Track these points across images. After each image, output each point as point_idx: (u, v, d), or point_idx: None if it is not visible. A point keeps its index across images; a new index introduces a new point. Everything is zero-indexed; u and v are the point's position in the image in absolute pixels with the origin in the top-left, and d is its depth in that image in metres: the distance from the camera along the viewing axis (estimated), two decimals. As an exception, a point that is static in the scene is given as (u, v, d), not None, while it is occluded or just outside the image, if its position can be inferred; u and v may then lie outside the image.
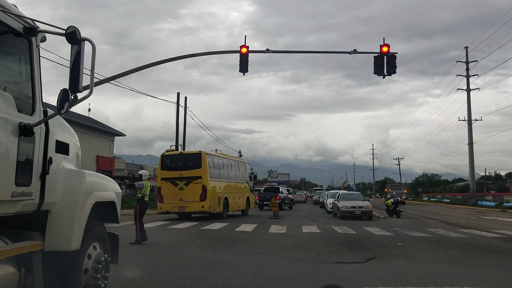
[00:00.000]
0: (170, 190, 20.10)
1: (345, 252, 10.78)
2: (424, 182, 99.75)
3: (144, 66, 18.17)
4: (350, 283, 7.08)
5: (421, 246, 11.94)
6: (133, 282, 6.64)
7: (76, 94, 3.59)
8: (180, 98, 32.08)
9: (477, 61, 47.56)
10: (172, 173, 20.35)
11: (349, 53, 17.87)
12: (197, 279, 7.12)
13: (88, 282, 4.37)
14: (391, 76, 17.02)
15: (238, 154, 70.33)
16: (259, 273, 7.82)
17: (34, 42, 3.87)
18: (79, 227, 4.14)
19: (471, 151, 47.32)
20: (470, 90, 47.41)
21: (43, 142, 3.86)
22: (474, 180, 49.59)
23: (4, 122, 3.32)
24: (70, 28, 3.56)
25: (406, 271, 8.41)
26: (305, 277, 7.57)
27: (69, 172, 4.31)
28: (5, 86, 3.57)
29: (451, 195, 71.05)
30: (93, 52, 3.71)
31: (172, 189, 20.01)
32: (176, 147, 32.21)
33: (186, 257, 9.40)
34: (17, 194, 3.48)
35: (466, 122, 47.77)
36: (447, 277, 7.79)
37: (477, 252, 11.19)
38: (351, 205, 23.33)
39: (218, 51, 19.69)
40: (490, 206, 44.43)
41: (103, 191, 4.80)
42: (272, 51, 18.39)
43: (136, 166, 52.56)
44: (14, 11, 3.60)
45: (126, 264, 7.32)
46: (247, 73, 17.64)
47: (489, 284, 7.40)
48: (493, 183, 78.21)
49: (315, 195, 54.79)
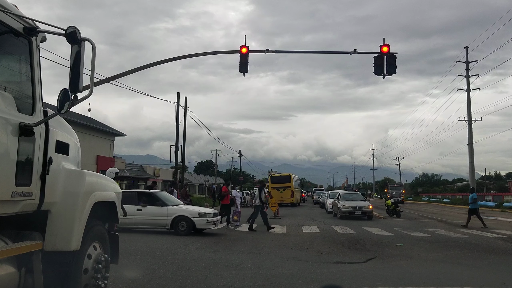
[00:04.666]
0: (275, 192, 33.17)
1: (345, 252, 10.79)
2: (424, 182, 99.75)
3: (144, 66, 18.14)
4: (350, 283, 7.08)
5: (421, 246, 11.94)
6: (133, 282, 6.64)
7: (76, 94, 3.59)
8: (180, 98, 32.06)
9: (477, 61, 47.53)
10: (276, 185, 37.15)
11: (349, 53, 17.84)
12: (197, 279, 7.12)
13: (88, 282, 4.37)
14: (390, 76, 17.01)
15: (238, 154, 70.39)
16: (259, 273, 7.82)
17: (34, 42, 3.87)
18: (79, 227, 4.14)
19: (471, 151, 47.26)
20: (470, 90, 47.38)
21: (43, 142, 3.86)
22: (474, 180, 49.51)
23: (4, 122, 3.31)
24: (70, 28, 3.56)
25: (406, 271, 8.41)
26: (305, 277, 7.57)
27: (69, 172, 4.31)
28: (5, 86, 3.57)
29: (451, 195, 71.02)
30: (93, 52, 3.71)
31: (276, 192, 34.42)
32: (176, 146, 32.21)
33: (186, 257, 9.40)
34: (17, 194, 3.48)
35: (466, 122, 47.73)
36: (447, 277, 7.79)
37: (477, 252, 11.19)
38: (351, 205, 23.32)
39: (218, 51, 19.67)
40: (490, 206, 44.41)
41: (103, 191, 4.80)
42: (272, 51, 18.35)
43: (136, 166, 52.53)
44: (14, 11, 3.60)
45: (126, 264, 7.31)
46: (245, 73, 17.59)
47: (489, 284, 7.40)
48: (493, 183, 78.20)
49: (315, 195, 54.81)
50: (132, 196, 14.23)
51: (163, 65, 18.57)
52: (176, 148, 32.34)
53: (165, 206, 14.15)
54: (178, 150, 32.71)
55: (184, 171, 39.41)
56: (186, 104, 33.29)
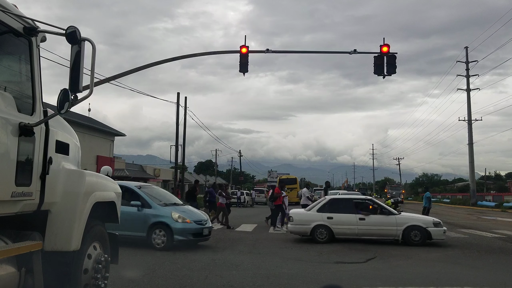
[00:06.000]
0: None
1: (345, 252, 10.79)
2: (424, 182, 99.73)
3: (144, 66, 18.15)
4: (350, 283, 7.08)
5: (421, 246, 11.93)
6: (133, 282, 6.64)
7: (76, 94, 3.59)
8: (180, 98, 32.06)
9: (477, 61, 47.55)
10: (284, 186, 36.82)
11: (349, 53, 17.85)
12: (197, 279, 7.12)
13: (88, 282, 4.37)
14: (390, 76, 17.01)
15: (238, 154, 70.36)
16: (259, 273, 7.82)
17: (34, 42, 3.87)
18: (79, 227, 4.14)
19: (471, 151, 47.28)
20: (470, 90, 47.39)
21: (43, 142, 3.86)
22: (474, 180, 49.55)
23: (4, 122, 3.31)
24: (70, 28, 3.56)
25: (406, 271, 8.42)
26: (305, 277, 7.57)
27: (69, 172, 4.31)
28: (5, 86, 3.57)
29: (451, 195, 71.05)
30: (93, 52, 3.71)
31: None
32: (176, 146, 32.19)
33: (186, 257, 9.40)
34: (17, 194, 3.48)
35: (466, 122, 47.74)
36: (447, 277, 7.79)
37: (477, 252, 11.19)
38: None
39: (219, 51, 19.67)
40: (490, 206, 44.41)
41: (103, 191, 4.80)
42: (273, 51, 18.35)
43: (136, 166, 52.52)
44: (14, 11, 3.60)
45: (126, 264, 7.31)
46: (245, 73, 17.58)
47: (489, 284, 7.41)
48: (493, 183, 78.22)
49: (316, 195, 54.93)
50: (348, 205, 13.01)
51: (162, 65, 18.58)
52: (176, 148, 32.35)
53: (392, 215, 12.68)
54: (178, 150, 32.71)
55: (184, 171, 39.38)
56: (186, 104, 33.31)
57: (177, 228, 10.30)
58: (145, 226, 10.38)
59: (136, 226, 10.29)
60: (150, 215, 10.47)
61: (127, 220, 9.29)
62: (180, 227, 10.36)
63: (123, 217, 9.07)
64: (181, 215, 10.56)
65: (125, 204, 9.42)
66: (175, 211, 10.72)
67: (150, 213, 10.51)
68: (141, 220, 10.40)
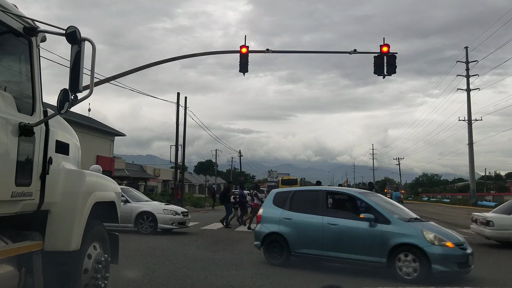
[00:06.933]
0: None
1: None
2: (424, 182, 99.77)
3: (143, 66, 18.14)
4: (350, 283, 7.08)
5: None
6: (133, 282, 6.64)
7: (76, 94, 3.58)
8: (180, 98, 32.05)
9: (477, 61, 47.53)
10: (286, 186, 37.67)
11: (349, 53, 17.84)
12: (197, 279, 7.13)
13: (88, 282, 4.37)
14: (390, 76, 17.01)
15: (238, 154, 70.39)
16: (259, 273, 7.83)
17: (34, 42, 3.87)
18: (79, 227, 4.14)
19: (471, 151, 47.26)
20: (470, 90, 47.37)
21: (43, 142, 3.86)
22: (474, 180, 49.54)
23: (4, 122, 3.31)
24: (70, 28, 3.55)
25: (406, 271, 8.39)
26: (305, 276, 7.57)
27: (69, 172, 4.31)
28: (5, 86, 3.57)
29: (451, 195, 71.05)
30: (93, 52, 3.70)
31: None
32: (176, 146, 32.17)
33: (186, 257, 9.40)
34: (17, 194, 3.48)
35: (466, 122, 47.73)
36: (447, 277, 7.78)
37: (477, 252, 11.16)
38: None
39: (218, 51, 19.66)
40: (490, 206, 44.37)
41: (103, 191, 4.80)
42: (273, 51, 18.34)
43: (136, 166, 52.51)
44: (14, 11, 3.60)
45: (126, 264, 7.31)
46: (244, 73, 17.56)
47: (489, 284, 7.40)
48: (493, 183, 78.21)
49: None
50: None
51: (162, 65, 18.57)
52: (176, 148, 32.31)
53: None
54: (178, 150, 32.69)
55: (184, 171, 39.38)
56: (186, 104, 33.29)
57: (435, 254, 7.32)
58: (384, 249, 7.66)
59: (369, 249, 7.82)
60: (390, 233, 7.70)
61: (354, 239, 7.87)
62: (439, 252, 7.39)
63: (348, 235, 7.88)
64: (437, 235, 7.61)
65: (351, 218, 8.16)
66: (426, 229, 7.81)
67: (390, 230, 7.72)
68: (376, 240, 7.79)
